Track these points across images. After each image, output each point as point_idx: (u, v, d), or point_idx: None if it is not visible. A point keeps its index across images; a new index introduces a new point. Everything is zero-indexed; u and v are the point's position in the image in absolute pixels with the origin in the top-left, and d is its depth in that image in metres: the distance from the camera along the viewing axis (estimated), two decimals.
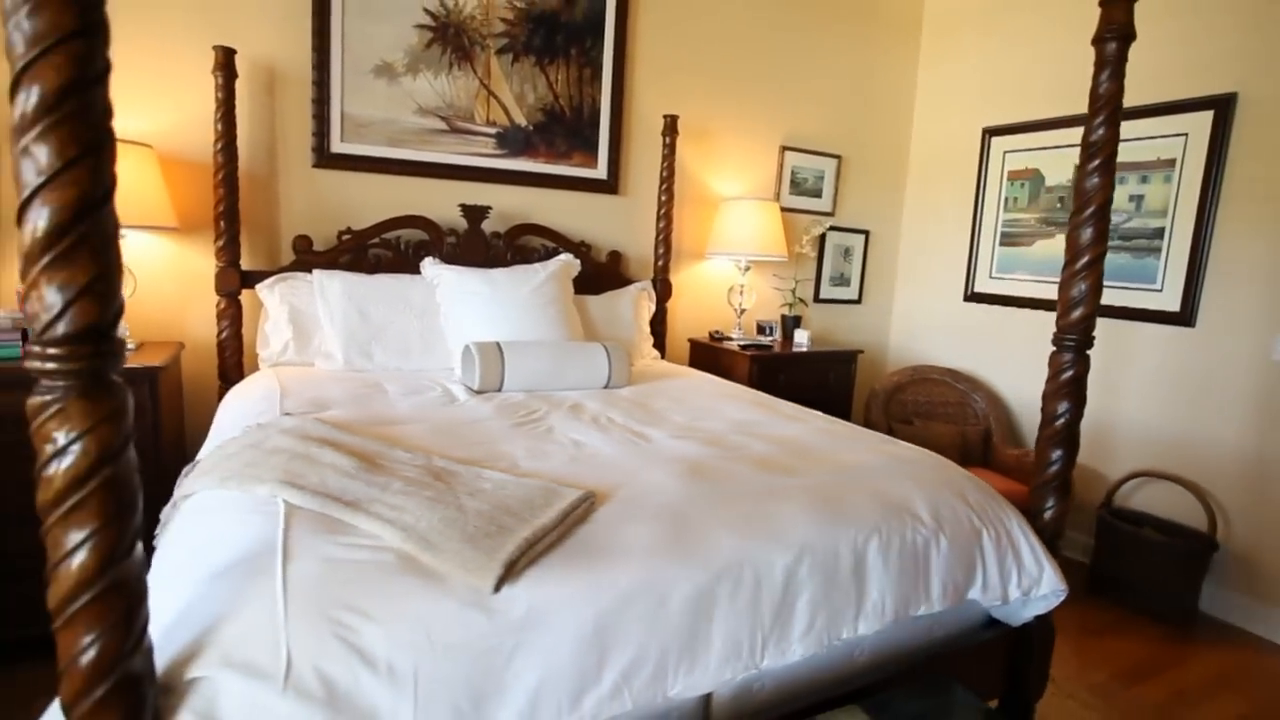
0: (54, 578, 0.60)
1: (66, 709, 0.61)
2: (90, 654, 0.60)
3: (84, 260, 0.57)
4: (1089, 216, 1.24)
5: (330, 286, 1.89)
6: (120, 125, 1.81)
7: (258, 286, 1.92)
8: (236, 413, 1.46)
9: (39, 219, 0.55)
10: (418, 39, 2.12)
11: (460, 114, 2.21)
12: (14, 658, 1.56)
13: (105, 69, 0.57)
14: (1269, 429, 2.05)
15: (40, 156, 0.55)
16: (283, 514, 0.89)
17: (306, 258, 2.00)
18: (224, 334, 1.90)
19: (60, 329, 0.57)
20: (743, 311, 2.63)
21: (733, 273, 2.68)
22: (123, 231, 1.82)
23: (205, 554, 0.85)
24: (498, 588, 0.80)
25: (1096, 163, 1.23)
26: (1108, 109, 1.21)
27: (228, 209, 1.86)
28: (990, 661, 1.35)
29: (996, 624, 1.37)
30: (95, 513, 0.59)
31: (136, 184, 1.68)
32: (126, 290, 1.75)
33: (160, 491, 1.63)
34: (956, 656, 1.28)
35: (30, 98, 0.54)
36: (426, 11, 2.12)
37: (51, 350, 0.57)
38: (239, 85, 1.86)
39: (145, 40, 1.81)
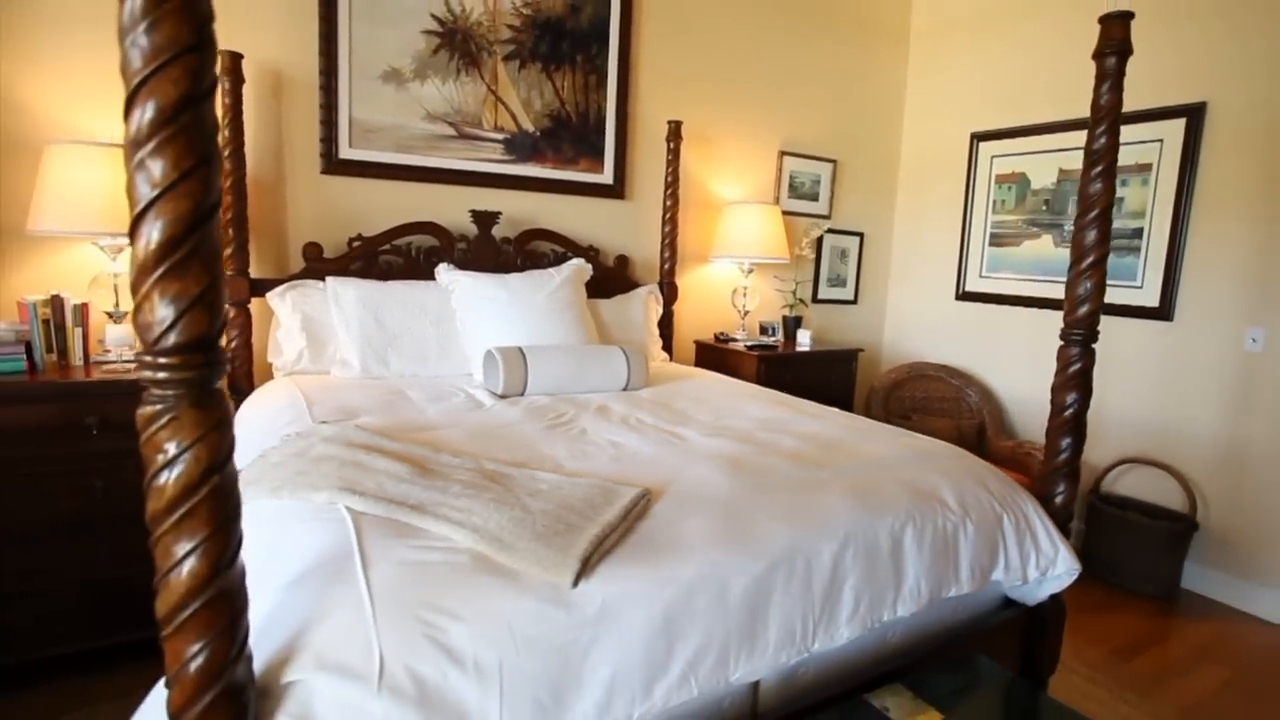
0: (164, 586, 0.60)
1: (174, 716, 0.62)
2: (199, 661, 0.61)
3: (196, 271, 0.58)
4: (1092, 220, 1.32)
5: (344, 294, 1.88)
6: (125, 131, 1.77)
7: (268, 295, 1.89)
8: (262, 422, 1.44)
9: (153, 232, 0.56)
10: (425, 45, 2.12)
11: (468, 120, 2.22)
12: (15, 684, 1.49)
13: (214, 84, 0.58)
14: (1243, 415, 2.19)
15: (155, 170, 0.56)
16: (350, 520, 0.90)
17: (317, 265, 1.98)
18: (234, 343, 1.87)
19: (172, 339, 0.57)
20: (746, 313, 2.69)
21: (735, 275, 2.74)
22: (129, 240, 1.78)
23: (275, 562, 0.85)
24: (575, 583, 0.83)
25: (1099, 169, 1.31)
26: (1108, 119, 1.29)
27: (236, 216, 1.84)
28: (1008, 640, 1.42)
29: (1012, 605, 1.44)
30: (205, 520, 0.60)
31: None
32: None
33: None
34: (978, 636, 1.34)
35: (146, 112, 0.55)
36: (434, 17, 2.12)
37: (163, 360, 0.57)
38: (245, 90, 1.84)
39: None
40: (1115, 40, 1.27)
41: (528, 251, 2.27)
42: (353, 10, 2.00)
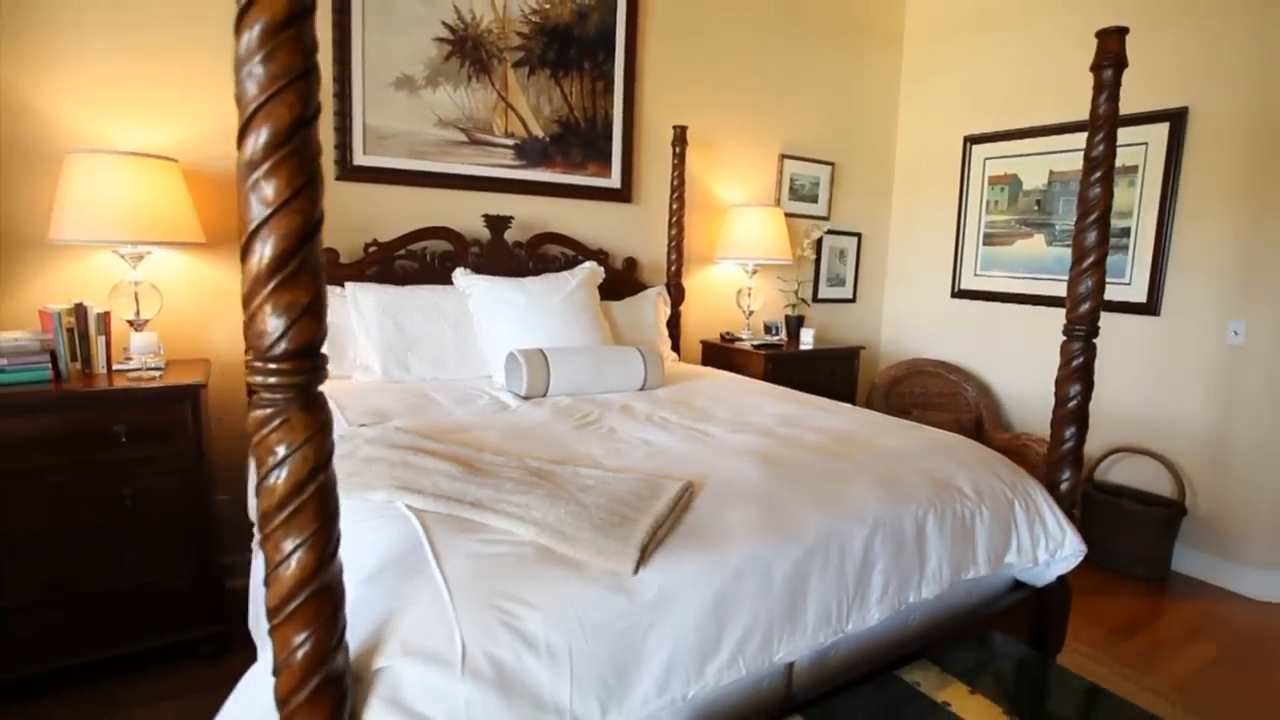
0: (274, 580, 0.64)
1: (281, 703, 0.66)
2: (304, 650, 0.65)
3: (306, 282, 0.62)
4: (1092, 222, 1.40)
5: (364, 299, 1.90)
6: (145, 139, 1.79)
7: None
8: None
9: (265, 248, 0.60)
10: (437, 52, 2.15)
11: (479, 126, 2.25)
12: (45, 692, 1.50)
13: (319, 109, 0.62)
14: (1226, 405, 2.30)
15: (268, 190, 0.60)
16: (415, 517, 0.94)
17: (333, 270, 2.00)
18: None
19: (282, 347, 0.61)
20: (751, 313, 2.75)
21: (740, 276, 2.80)
22: (149, 248, 1.79)
23: (347, 558, 0.89)
24: (636, 571, 0.88)
25: (1098, 174, 1.39)
26: (1106, 127, 1.37)
27: None
28: (1018, 620, 1.50)
29: (1021, 587, 1.52)
30: (312, 516, 0.64)
31: (164, 199, 1.66)
32: (153, 308, 1.74)
33: (208, 510, 1.62)
34: (991, 618, 1.42)
35: (261, 137, 0.59)
36: (445, 25, 2.15)
37: (274, 366, 0.61)
38: None
39: (167, 53, 1.79)
40: (1112, 53, 1.35)
41: (539, 255, 2.31)
42: (365, 19, 2.03)
